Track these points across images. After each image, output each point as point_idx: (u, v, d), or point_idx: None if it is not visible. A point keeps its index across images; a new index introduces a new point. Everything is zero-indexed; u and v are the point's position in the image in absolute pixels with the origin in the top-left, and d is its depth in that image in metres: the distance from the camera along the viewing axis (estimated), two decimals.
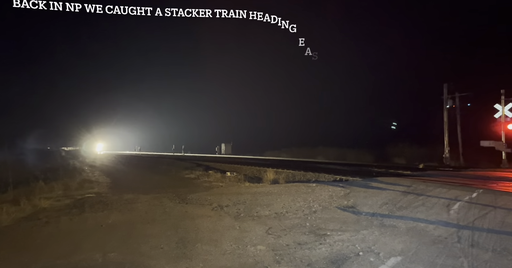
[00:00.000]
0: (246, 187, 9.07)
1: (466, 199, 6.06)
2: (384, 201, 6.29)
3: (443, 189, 7.21)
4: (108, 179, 12.68)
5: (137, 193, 8.07)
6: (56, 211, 6.17)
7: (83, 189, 9.41)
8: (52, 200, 7.30)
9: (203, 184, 10.31)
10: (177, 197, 7.35)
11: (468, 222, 4.67)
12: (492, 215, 4.96)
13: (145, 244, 4.08)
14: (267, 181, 10.37)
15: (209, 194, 7.75)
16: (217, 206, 6.29)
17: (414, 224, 4.72)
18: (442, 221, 4.78)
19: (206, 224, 4.98)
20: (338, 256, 3.59)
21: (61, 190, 8.85)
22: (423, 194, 6.68)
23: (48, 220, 5.43)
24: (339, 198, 6.81)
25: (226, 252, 3.78)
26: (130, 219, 5.40)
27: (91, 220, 5.40)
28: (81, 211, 6.11)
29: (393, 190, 7.27)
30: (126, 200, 7.05)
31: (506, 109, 17.56)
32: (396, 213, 5.45)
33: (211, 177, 12.15)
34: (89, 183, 10.93)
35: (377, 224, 4.85)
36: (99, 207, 6.41)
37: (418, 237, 4.12)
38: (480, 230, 4.29)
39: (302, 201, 6.57)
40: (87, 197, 7.78)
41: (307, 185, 8.57)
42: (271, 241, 4.14)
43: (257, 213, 5.69)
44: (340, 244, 3.98)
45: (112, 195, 8.00)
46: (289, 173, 13.21)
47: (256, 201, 6.70)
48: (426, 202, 6.00)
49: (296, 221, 5.10)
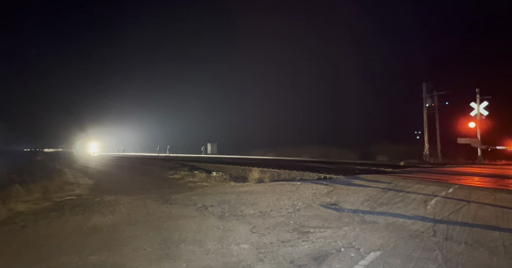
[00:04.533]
0: (231, 187, 9.07)
1: (443, 195, 6.30)
2: (366, 197, 6.45)
3: (421, 185, 7.46)
4: (90, 180, 12.37)
5: (120, 195, 7.92)
6: (34, 215, 5.98)
7: (63, 191, 9.13)
8: (29, 203, 7.05)
9: (188, 184, 10.23)
10: (161, 198, 7.27)
11: (443, 217, 4.87)
12: (465, 209, 5.18)
13: (127, 245, 4.03)
14: (253, 180, 10.40)
15: (194, 194, 7.70)
16: (202, 206, 6.27)
17: (393, 220, 4.87)
18: (419, 216, 4.96)
19: (190, 225, 4.96)
20: (320, 252, 3.66)
21: (39, 193, 8.56)
22: (402, 191, 6.89)
23: (25, 224, 5.25)
24: (323, 195, 6.93)
25: (209, 251, 3.78)
26: (112, 221, 5.30)
27: (71, 223, 5.27)
28: (61, 214, 5.94)
29: (375, 187, 7.46)
30: (108, 202, 6.91)
31: (481, 108, 18.31)
32: (377, 209, 5.60)
33: (196, 177, 12.06)
34: (70, 185, 10.63)
35: (358, 220, 4.98)
36: (80, 209, 6.26)
37: (397, 232, 4.26)
38: (454, 223, 4.48)
39: (287, 199, 6.64)
40: (67, 200, 7.57)
41: (292, 183, 8.66)
42: (255, 240, 4.17)
43: (242, 212, 5.71)
44: (322, 240, 4.06)
45: (94, 197, 7.81)
46: (274, 172, 13.30)
47: (241, 200, 6.72)
48: (405, 198, 6.20)
49: (280, 219, 5.16)
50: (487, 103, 18.13)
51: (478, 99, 18.33)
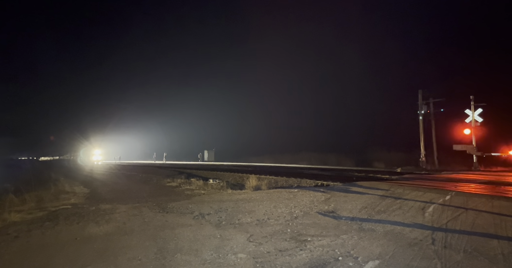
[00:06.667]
0: (228, 194, 9.00)
1: (440, 202, 6.30)
2: (364, 205, 6.43)
3: (419, 192, 7.46)
4: (86, 188, 12.22)
5: (116, 203, 7.83)
6: (28, 225, 5.87)
7: (58, 200, 9.01)
8: (23, 213, 6.93)
9: (184, 192, 10.14)
10: (157, 206, 7.18)
11: (441, 224, 4.85)
12: (463, 217, 5.17)
13: (122, 256, 3.96)
14: (250, 188, 10.34)
15: (191, 202, 7.63)
16: (198, 214, 6.20)
17: (391, 228, 4.84)
18: (417, 224, 4.94)
19: (187, 233, 4.90)
20: (318, 261, 3.62)
21: (34, 202, 8.43)
22: (400, 198, 6.87)
23: (18, 234, 5.15)
24: (320, 203, 6.89)
25: (206, 261, 3.73)
26: (107, 231, 5.22)
27: (65, 233, 5.18)
28: (55, 223, 5.84)
29: (372, 194, 7.44)
30: (104, 211, 6.82)
31: (475, 114, 18.49)
32: (375, 217, 5.57)
33: (193, 184, 11.97)
34: (65, 193, 10.49)
35: (357, 228, 4.94)
36: (74, 219, 6.16)
37: (395, 240, 4.23)
38: (452, 231, 4.46)
39: (284, 207, 6.59)
40: (62, 209, 7.46)
41: (289, 190, 8.62)
42: (252, 249, 4.12)
43: (239, 221, 5.65)
44: (321, 249, 4.02)
45: (89, 206, 7.71)
46: (271, 179, 13.24)
47: (238, 208, 6.66)
48: (403, 206, 6.18)
49: (278, 228, 5.11)
50: (482, 110, 18.32)
51: (472, 106, 18.52)
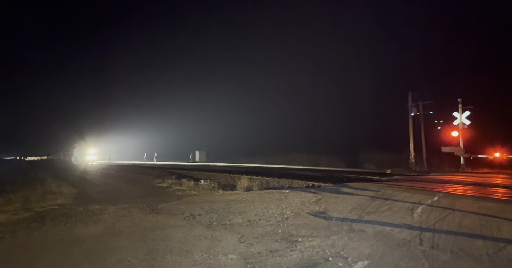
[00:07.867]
0: (219, 195, 8.97)
1: (428, 203, 6.41)
2: (354, 206, 6.49)
3: (408, 193, 7.57)
4: (74, 189, 12.01)
5: (105, 204, 7.71)
6: (13, 226, 5.73)
7: (45, 200, 8.82)
8: (8, 214, 6.77)
9: (175, 193, 10.06)
10: (147, 207, 7.11)
11: (429, 225, 4.93)
12: (451, 218, 5.27)
13: (111, 257, 3.90)
14: (241, 188, 10.33)
15: (181, 203, 7.57)
16: (189, 215, 6.16)
17: (381, 228, 4.90)
18: (406, 225, 5.01)
19: (177, 234, 4.86)
20: (308, 262, 3.63)
21: (19, 203, 8.24)
22: (390, 199, 6.97)
23: (3, 236, 5.02)
24: (311, 204, 6.93)
25: (196, 262, 3.70)
26: (95, 232, 5.13)
27: (52, 234, 5.07)
28: (41, 224, 5.72)
29: (362, 195, 7.52)
30: (92, 211, 6.71)
31: (463, 117, 18.88)
32: (365, 217, 5.63)
33: (184, 185, 11.89)
34: (52, 194, 10.28)
35: (347, 229, 4.99)
36: (62, 219, 6.04)
37: (384, 241, 4.28)
38: (440, 232, 4.55)
39: (275, 207, 6.61)
40: (49, 210, 7.30)
41: (280, 191, 8.64)
42: (243, 250, 4.11)
43: (230, 221, 5.64)
44: (311, 250, 4.04)
45: (77, 206, 7.57)
46: (263, 180, 13.26)
47: (229, 209, 6.64)
48: (392, 206, 6.27)
49: (269, 228, 5.11)
50: (469, 113, 18.72)
51: (460, 109, 18.92)
